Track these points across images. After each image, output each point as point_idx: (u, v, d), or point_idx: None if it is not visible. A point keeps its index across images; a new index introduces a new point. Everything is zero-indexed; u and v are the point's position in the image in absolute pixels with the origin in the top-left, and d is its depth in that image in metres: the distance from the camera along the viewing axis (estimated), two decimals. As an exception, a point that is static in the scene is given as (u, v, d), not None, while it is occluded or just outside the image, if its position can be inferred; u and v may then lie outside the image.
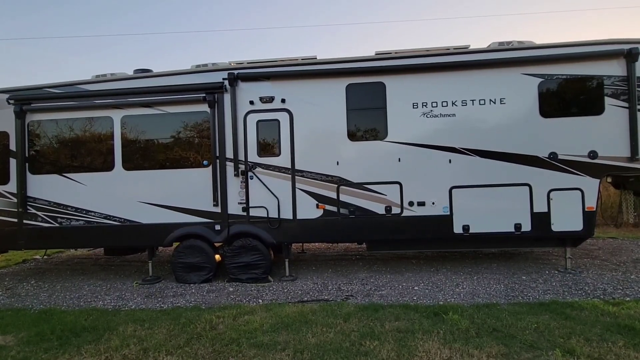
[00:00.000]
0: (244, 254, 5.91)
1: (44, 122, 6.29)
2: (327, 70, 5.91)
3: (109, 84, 6.21)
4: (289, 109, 5.93)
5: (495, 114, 5.69)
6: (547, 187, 5.60)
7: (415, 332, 3.78)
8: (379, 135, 5.88)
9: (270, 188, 5.91)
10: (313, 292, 5.37)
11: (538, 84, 5.63)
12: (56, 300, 5.47)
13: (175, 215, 6.00)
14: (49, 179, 6.22)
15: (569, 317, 4.02)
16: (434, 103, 5.75)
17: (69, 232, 6.18)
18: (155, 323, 4.26)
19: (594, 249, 7.32)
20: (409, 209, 5.77)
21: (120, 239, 6.18)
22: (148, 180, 6.10)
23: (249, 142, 5.96)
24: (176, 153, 6.15)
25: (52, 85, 6.29)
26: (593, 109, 5.59)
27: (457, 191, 5.72)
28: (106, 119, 6.18)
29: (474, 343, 3.51)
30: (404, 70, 5.81)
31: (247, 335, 3.83)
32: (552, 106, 5.70)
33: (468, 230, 5.69)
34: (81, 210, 6.15)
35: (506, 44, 5.85)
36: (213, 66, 6.17)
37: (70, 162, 6.30)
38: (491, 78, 5.71)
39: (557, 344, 3.43)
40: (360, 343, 3.58)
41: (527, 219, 5.62)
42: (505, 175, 5.66)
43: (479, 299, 4.80)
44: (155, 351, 3.57)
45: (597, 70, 5.57)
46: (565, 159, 5.58)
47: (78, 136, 6.27)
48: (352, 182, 5.84)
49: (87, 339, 3.92)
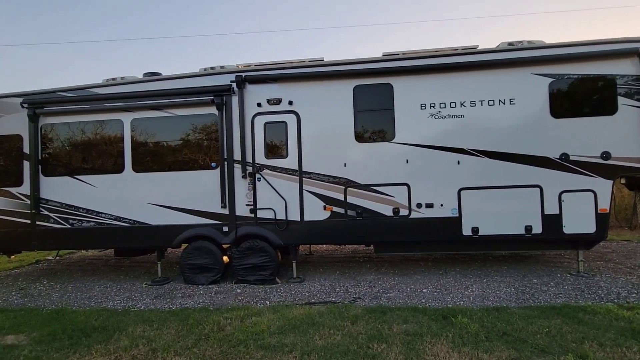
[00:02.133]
0: (252, 255, 5.93)
1: (57, 125, 6.42)
2: (334, 71, 5.92)
3: (119, 87, 6.31)
4: (296, 110, 5.94)
5: (504, 114, 5.62)
6: (559, 189, 5.51)
7: (423, 335, 3.74)
8: (387, 137, 5.86)
9: (277, 190, 5.92)
10: (320, 294, 5.36)
11: (549, 84, 5.55)
12: (67, 300, 5.56)
13: (183, 217, 6.06)
14: (61, 181, 6.34)
15: (582, 322, 3.94)
16: (442, 104, 5.71)
17: (80, 233, 6.28)
18: (163, 324, 4.29)
19: (608, 252, 7.16)
20: (417, 211, 5.73)
21: (130, 240, 6.26)
22: (157, 182, 6.17)
23: (256, 144, 5.99)
24: (185, 155, 6.21)
25: (64, 89, 6.42)
26: (606, 108, 5.49)
27: (466, 193, 5.66)
28: (116, 121, 6.28)
29: (483, 347, 3.45)
30: (412, 71, 5.78)
31: (255, 336, 3.84)
32: (563, 106, 5.61)
33: (477, 232, 5.62)
34: (92, 212, 6.25)
35: (515, 43, 5.78)
36: (221, 69, 6.23)
37: (82, 164, 6.41)
38: (500, 78, 5.64)
39: (569, 349, 3.36)
40: (368, 346, 3.55)
41: (538, 221, 5.53)
42: (516, 176, 5.58)
43: (489, 302, 4.73)
44: (163, 352, 3.60)
45: (609, 70, 5.47)
46: (577, 160, 5.48)
47: (89, 139, 6.38)
48: (360, 184, 5.82)
49: (97, 339, 3.97)
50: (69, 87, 6.44)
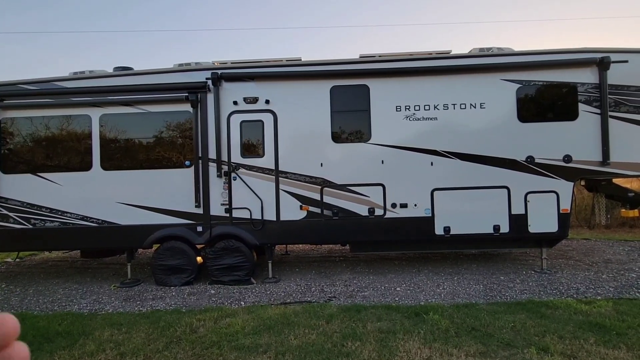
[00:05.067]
0: (227, 255, 5.84)
1: (18, 119, 6.06)
2: (311, 71, 5.93)
3: (88, 81, 6.04)
4: (273, 109, 5.90)
5: (475, 118, 5.82)
6: (525, 190, 5.76)
7: (396, 332, 3.82)
8: (363, 138, 5.93)
9: (253, 189, 5.86)
10: (296, 293, 5.35)
11: (516, 90, 5.80)
12: (28, 304, 5.26)
13: (155, 217, 5.88)
14: (22, 179, 5.99)
15: (544, 316, 4.15)
16: (416, 106, 5.84)
17: (43, 233, 5.95)
18: (133, 327, 4.15)
19: (569, 250, 7.57)
20: (392, 211, 5.83)
21: (98, 241, 6.00)
22: (127, 181, 5.95)
23: (232, 143, 5.90)
24: (157, 153, 6.03)
25: (27, 82, 6.07)
26: (568, 114, 5.80)
27: (439, 193, 5.82)
28: (84, 117, 6.00)
29: (453, 342, 3.57)
30: (388, 73, 5.88)
31: (229, 338, 3.78)
32: (529, 111, 5.87)
33: (449, 231, 5.79)
34: (56, 211, 5.94)
35: (486, 50, 6.00)
36: (196, 65, 6.08)
37: (46, 161, 6.09)
38: (472, 83, 5.84)
39: (532, 342, 3.54)
40: (342, 344, 3.59)
41: (505, 220, 5.77)
42: (485, 178, 5.79)
43: (459, 299, 4.89)
44: (132, 356, 3.48)
45: (571, 78, 5.78)
46: (542, 162, 5.75)
47: (54, 134, 6.06)
48: (336, 184, 5.86)
49: (60, 344, 3.78)
50: (32, 79, 6.09)
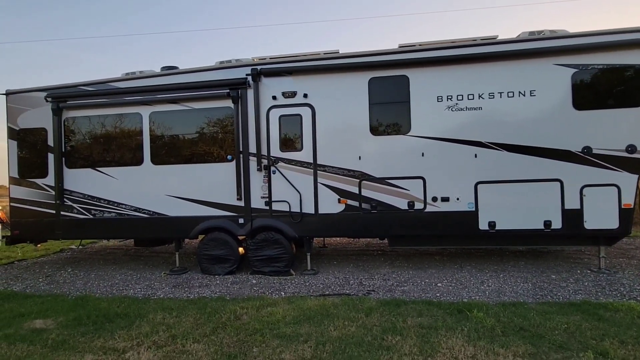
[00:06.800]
0: (267, 247, 6.01)
1: (79, 118, 6.61)
2: (349, 64, 5.88)
3: (138, 81, 6.44)
4: (311, 103, 5.94)
5: (524, 106, 5.47)
6: (580, 183, 5.35)
7: (438, 328, 3.73)
8: (402, 130, 5.80)
9: (292, 182, 5.96)
10: (334, 286, 5.40)
11: (571, 75, 5.37)
12: (91, 287, 5.77)
13: (200, 209, 6.18)
14: (83, 173, 6.55)
15: (602, 319, 3.85)
16: (459, 96, 5.60)
17: (101, 223, 6.49)
18: (182, 312, 4.42)
19: (631, 249, 6.95)
20: (433, 205, 5.67)
21: (149, 231, 6.43)
22: (175, 175, 6.29)
23: (271, 137, 6.03)
24: (201, 148, 6.31)
25: (85, 83, 6.59)
26: (631, 100, 5.28)
27: (483, 187, 5.57)
28: (135, 115, 6.42)
29: (499, 342, 3.43)
30: (428, 62, 5.68)
31: (270, 326, 3.91)
32: (586, 98, 5.42)
33: (494, 226, 5.54)
34: (113, 203, 6.44)
35: (537, 33, 5.60)
36: (236, 62, 6.26)
37: (103, 156, 6.60)
38: (521, 69, 5.49)
39: (589, 346, 3.30)
40: (382, 337, 3.57)
41: (557, 215, 5.41)
42: (535, 170, 5.45)
43: (505, 298, 4.67)
44: (183, 338, 3.71)
45: (635, 59, 5.25)
46: (601, 153, 5.31)
47: (109, 132, 6.55)
48: (375, 177, 5.80)
49: (120, 324, 4.12)
50: (90, 81, 6.60)
